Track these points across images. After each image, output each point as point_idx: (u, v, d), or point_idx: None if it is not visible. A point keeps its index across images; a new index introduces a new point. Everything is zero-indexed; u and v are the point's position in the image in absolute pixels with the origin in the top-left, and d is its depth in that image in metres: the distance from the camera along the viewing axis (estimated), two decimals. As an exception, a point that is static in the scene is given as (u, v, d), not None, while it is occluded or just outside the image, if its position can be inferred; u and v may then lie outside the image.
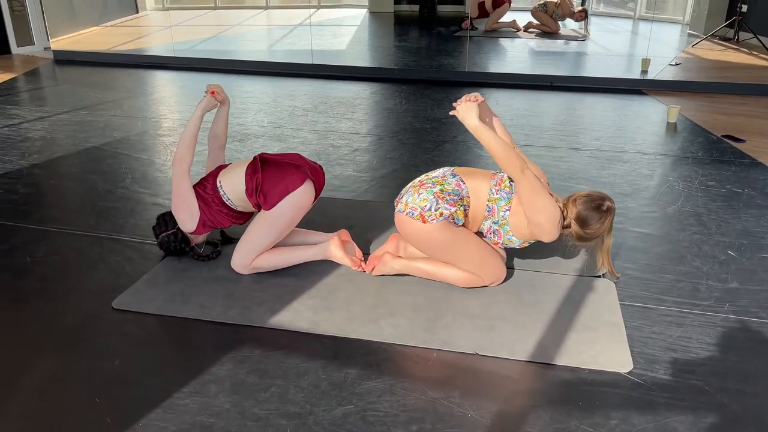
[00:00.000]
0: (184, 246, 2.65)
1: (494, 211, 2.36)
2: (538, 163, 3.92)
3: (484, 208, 2.37)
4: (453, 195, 2.34)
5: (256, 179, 2.47)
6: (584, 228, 2.27)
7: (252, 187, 2.48)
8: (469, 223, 2.42)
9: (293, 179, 2.46)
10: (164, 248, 2.67)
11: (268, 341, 2.17)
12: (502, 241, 2.40)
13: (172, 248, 2.65)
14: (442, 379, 1.98)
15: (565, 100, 5.60)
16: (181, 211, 2.55)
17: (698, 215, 3.16)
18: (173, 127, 4.76)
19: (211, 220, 2.58)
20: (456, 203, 2.33)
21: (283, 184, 2.46)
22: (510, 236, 2.37)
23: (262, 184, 2.46)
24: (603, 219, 2.25)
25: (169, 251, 2.67)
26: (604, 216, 2.25)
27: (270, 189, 2.46)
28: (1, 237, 2.96)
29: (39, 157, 4.07)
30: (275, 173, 2.48)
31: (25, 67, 7.17)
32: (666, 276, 2.59)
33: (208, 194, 2.57)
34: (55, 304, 2.41)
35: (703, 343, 2.16)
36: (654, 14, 9.43)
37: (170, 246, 2.64)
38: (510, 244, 2.41)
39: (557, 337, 2.17)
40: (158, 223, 2.66)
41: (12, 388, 1.95)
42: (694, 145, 4.27)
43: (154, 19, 10.45)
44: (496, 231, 2.38)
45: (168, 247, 2.65)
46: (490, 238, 2.43)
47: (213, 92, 2.65)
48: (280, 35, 9.47)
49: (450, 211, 2.31)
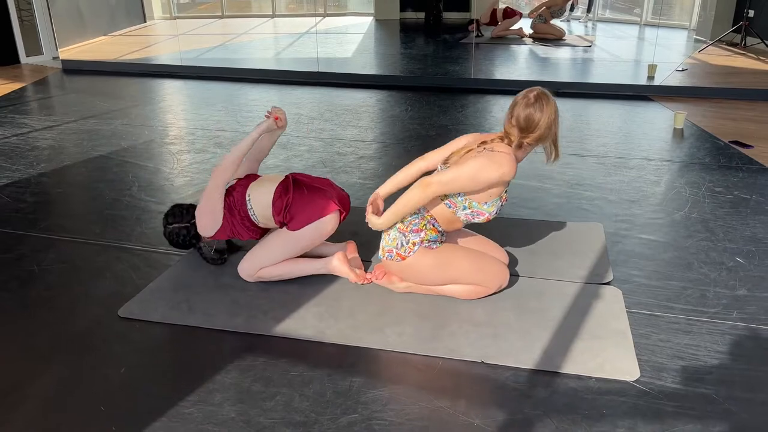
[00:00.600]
0: (195, 242, 2.64)
1: (454, 204, 2.33)
2: (544, 169, 3.91)
3: (445, 208, 2.34)
4: (414, 220, 2.34)
5: (286, 200, 2.47)
6: (535, 128, 2.23)
7: (281, 206, 2.48)
8: (451, 227, 2.40)
9: (322, 206, 2.47)
10: (171, 239, 2.64)
11: (273, 349, 2.16)
12: (487, 214, 2.34)
13: (180, 241, 2.63)
14: (448, 387, 1.97)
15: (572, 106, 5.59)
16: (205, 217, 2.55)
17: (706, 222, 3.14)
18: (180, 136, 4.78)
19: (231, 230, 2.58)
20: (420, 226, 2.33)
21: (311, 210, 2.46)
22: (485, 204, 2.31)
23: (291, 205, 2.47)
24: (542, 106, 2.22)
25: (175, 243, 2.65)
26: (539, 103, 2.22)
27: (298, 212, 2.46)
28: (9, 245, 2.98)
29: (47, 166, 4.10)
30: (305, 196, 2.48)
31: (33, 76, 7.23)
32: (673, 283, 2.57)
33: (235, 205, 2.56)
34: (62, 312, 2.42)
35: (711, 350, 2.14)
36: (660, 20, 9.41)
37: (179, 239, 2.63)
38: (494, 209, 2.34)
39: (563, 345, 2.16)
40: (173, 212, 2.64)
41: (19, 395, 1.95)
42: (701, 151, 4.25)
43: (162, 28, 10.53)
44: (473, 212, 2.33)
45: (176, 240, 2.63)
46: (477, 221, 2.38)
47: (277, 118, 2.61)
48: (286, 43, 9.52)
49: (419, 237, 2.32)
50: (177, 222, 2.62)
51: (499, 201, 2.34)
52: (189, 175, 3.89)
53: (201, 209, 2.56)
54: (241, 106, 5.69)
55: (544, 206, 3.36)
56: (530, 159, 4.09)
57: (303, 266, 2.54)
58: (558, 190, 3.57)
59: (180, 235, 2.62)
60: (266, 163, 4.08)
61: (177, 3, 11.87)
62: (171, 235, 2.64)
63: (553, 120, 2.27)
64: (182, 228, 2.62)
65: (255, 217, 2.55)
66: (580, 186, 3.64)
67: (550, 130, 2.28)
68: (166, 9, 11.19)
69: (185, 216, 2.63)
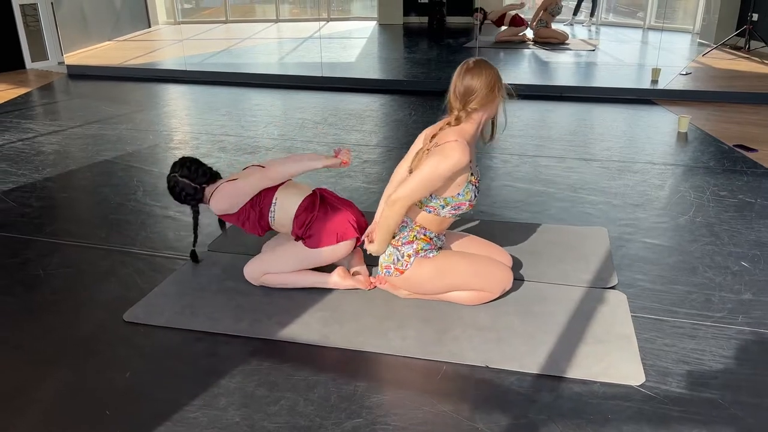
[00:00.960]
0: (193, 204, 2.62)
1: (433, 207, 2.31)
2: (548, 173, 3.91)
3: (427, 214, 2.33)
4: (404, 233, 2.34)
5: (311, 216, 2.46)
6: (473, 93, 2.21)
7: (303, 221, 2.46)
8: (443, 228, 2.39)
9: (343, 231, 2.46)
10: (174, 189, 2.61)
11: (277, 354, 2.17)
12: (466, 202, 2.31)
13: (182, 197, 2.60)
14: (452, 392, 1.97)
15: (575, 110, 5.59)
16: (226, 200, 2.50)
17: (710, 226, 3.13)
18: (184, 140, 4.80)
19: (240, 220, 2.55)
20: (411, 238, 2.33)
21: (331, 232, 2.45)
22: (459, 195, 2.29)
23: (314, 223, 2.46)
24: (479, 71, 2.21)
25: (174, 194, 2.62)
26: (477, 68, 2.21)
27: (318, 231, 2.45)
28: (15, 250, 2.99)
29: (52, 171, 4.12)
30: (328, 215, 2.47)
31: (39, 81, 7.27)
32: (678, 287, 2.57)
33: (259, 203, 2.52)
34: (67, 316, 2.43)
35: (717, 355, 2.13)
36: (664, 24, 9.41)
37: (181, 193, 2.59)
38: (471, 195, 2.32)
39: (568, 349, 2.15)
40: (189, 166, 2.59)
41: (24, 399, 1.96)
42: (705, 155, 4.24)
43: (166, 33, 10.58)
44: (453, 207, 2.31)
45: (178, 193, 2.60)
46: (463, 211, 2.36)
47: (345, 162, 2.55)
48: (290, 48, 9.55)
49: (413, 248, 2.33)
50: (188, 178, 2.57)
51: (470, 185, 2.31)
52: (193, 180, 3.90)
53: (225, 192, 2.51)
54: (245, 111, 5.70)
55: (548, 210, 3.36)
56: (534, 163, 4.09)
57: (306, 278, 2.52)
58: (562, 195, 3.57)
59: (184, 191, 2.58)
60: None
61: (181, 8, 11.93)
62: (177, 186, 2.58)
63: (494, 86, 2.23)
64: (191, 187, 2.57)
65: (273, 219, 2.53)
66: (584, 190, 3.64)
67: (492, 93, 2.23)
68: (170, 14, 11.24)
69: (200, 177, 2.58)
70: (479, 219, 3.24)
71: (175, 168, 2.62)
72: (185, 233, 3.13)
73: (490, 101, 2.24)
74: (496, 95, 2.25)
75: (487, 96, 2.22)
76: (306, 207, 2.49)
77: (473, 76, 2.21)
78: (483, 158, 4.23)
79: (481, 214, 3.31)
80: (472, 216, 3.27)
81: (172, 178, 2.61)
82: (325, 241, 2.45)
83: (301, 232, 2.48)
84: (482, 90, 2.21)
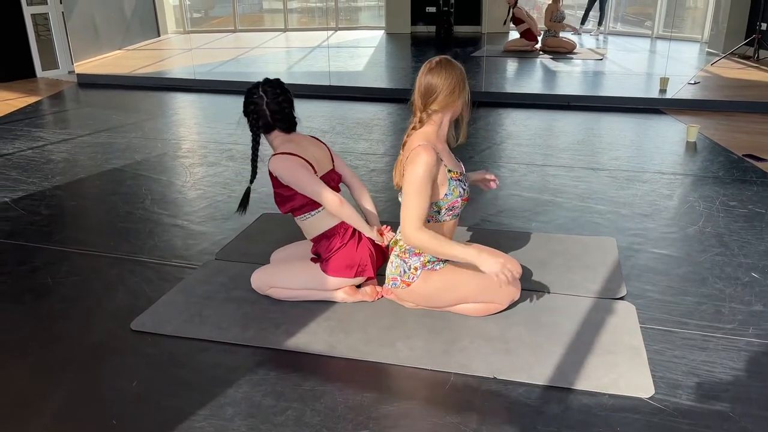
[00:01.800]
0: (256, 132, 2.49)
1: (431, 216, 2.31)
2: (556, 183, 3.90)
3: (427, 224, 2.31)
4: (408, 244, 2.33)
5: (340, 245, 2.43)
6: (435, 92, 2.19)
7: (331, 246, 2.44)
8: (449, 234, 2.38)
9: (362, 269, 2.45)
10: (249, 105, 2.47)
11: (284, 363, 2.16)
12: (458, 199, 2.28)
13: (252, 117, 2.47)
14: (460, 403, 1.96)
15: (583, 119, 5.58)
16: (285, 173, 2.39)
17: (720, 236, 3.11)
18: (193, 149, 4.82)
19: (282, 194, 2.45)
20: (419, 250, 2.32)
21: (352, 267, 2.43)
22: (448, 195, 2.27)
23: (340, 250, 2.44)
24: (440, 70, 2.19)
25: (248, 110, 2.48)
26: (439, 67, 2.19)
27: (339, 260, 2.42)
28: (24, 258, 3.01)
29: (62, 179, 4.14)
30: (354, 248, 2.44)
31: (49, 90, 7.33)
32: (687, 298, 2.55)
33: (310, 202, 2.45)
34: (75, 324, 2.43)
35: (727, 367, 2.11)
36: (672, 33, 9.40)
37: (253, 114, 2.46)
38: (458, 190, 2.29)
39: (576, 360, 2.14)
40: (278, 102, 2.45)
41: (33, 409, 1.96)
42: (714, 165, 4.22)
43: (175, 42, 10.65)
44: (447, 208, 2.29)
45: (251, 111, 2.46)
46: (460, 209, 2.33)
47: (382, 234, 2.50)
48: (298, 57, 9.59)
49: (419, 260, 2.32)
50: (270, 112, 2.44)
51: (453, 182, 2.28)
52: (202, 188, 3.92)
53: (290, 167, 2.38)
54: (253, 120, 5.72)
55: (556, 220, 3.34)
56: (542, 173, 4.08)
57: (312, 294, 2.51)
58: (570, 204, 3.56)
59: (257, 115, 2.45)
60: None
61: (190, 17, 12.03)
62: (255, 106, 2.45)
63: (455, 86, 2.21)
64: (266, 119, 2.45)
65: (305, 219, 2.47)
66: (592, 200, 3.62)
67: (453, 94, 2.21)
68: (179, 23, 11.33)
69: (280, 120, 2.46)
70: (486, 228, 3.23)
71: (268, 92, 2.46)
72: (193, 241, 3.14)
73: (452, 102, 2.24)
74: (458, 96, 2.24)
75: (448, 96, 2.22)
76: (338, 232, 2.46)
77: (435, 75, 2.21)
78: (490, 167, 4.23)
79: (488, 224, 3.30)
80: (478, 225, 3.26)
81: (259, 99, 2.45)
82: (343, 273, 2.43)
83: (324, 254, 2.47)
84: (444, 90, 2.20)
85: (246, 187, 2.63)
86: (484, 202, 3.60)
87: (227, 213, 3.51)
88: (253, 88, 2.49)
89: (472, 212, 3.45)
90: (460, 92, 2.24)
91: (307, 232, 2.53)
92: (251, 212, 3.49)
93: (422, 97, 2.24)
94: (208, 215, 3.48)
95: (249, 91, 2.49)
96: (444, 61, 2.24)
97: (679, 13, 9.92)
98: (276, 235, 3.14)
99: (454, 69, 2.23)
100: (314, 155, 2.50)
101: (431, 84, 2.21)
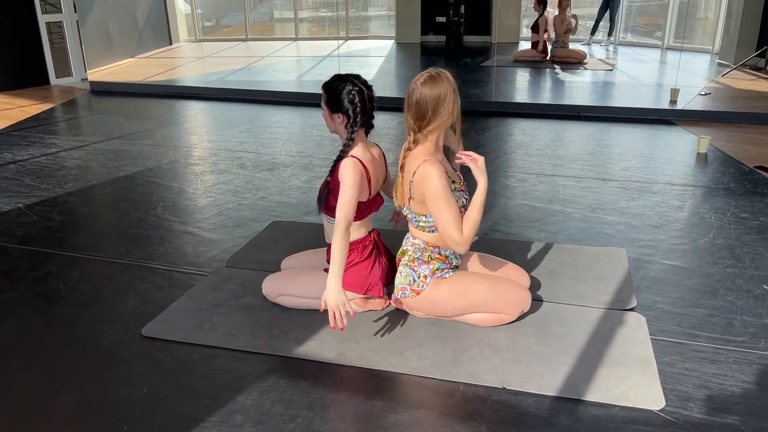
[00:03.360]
0: (356, 126, 2.37)
1: (434, 225, 2.31)
2: (566, 193, 3.89)
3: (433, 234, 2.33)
4: (417, 254, 2.34)
5: (358, 260, 2.43)
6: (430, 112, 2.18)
7: (349, 260, 2.43)
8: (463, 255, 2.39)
9: (371, 287, 2.45)
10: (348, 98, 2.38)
11: (293, 371, 2.17)
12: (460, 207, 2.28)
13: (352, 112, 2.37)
14: (469, 413, 1.95)
15: (593, 130, 5.58)
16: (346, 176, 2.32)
17: (731, 248, 3.10)
18: (204, 157, 4.85)
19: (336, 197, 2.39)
20: (426, 258, 2.33)
21: (363, 284, 2.43)
22: None
23: (355, 266, 2.44)
24: (432, 87, 2.17)
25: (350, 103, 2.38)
26: (428, 84, 2.18)
27: (353, 275, 2.42)
28: (36, 263, 3.03)
29: (74, 185, 4.18)
30: (369, 267, 2.45)
31: (62, 97, 7.41)
32: (699, 310, 2.53)
33: None
34: (86, 330, 2.45)
35: (739, 380, 2.10)
36: (683, 43, 9.38)
37: (354, 107, 2.36)
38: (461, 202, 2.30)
39: (586, 371, 2.13)
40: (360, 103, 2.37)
41: (43, 413, 1.97)
42: (725, 176, 4.20)
43: (187, 51, 10.74)
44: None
45: (352, 103, 2.37)
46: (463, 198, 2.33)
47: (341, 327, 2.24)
48: (309, 66, 9.65)
49: (429, 268, 2.32)
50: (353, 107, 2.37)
51: (456, 192, 2.29)
52: (212, 196, 3.94)
53: (353, 173, 2.32)
54: (263, 128, 5.76)
55: (566, 230, 3.34)
56: (551, 183, 4.08)
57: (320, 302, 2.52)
58: (579, 214, 3.55)
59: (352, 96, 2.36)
60: (292, 183, 4.12)
61: (202, 26, 12.13)
62: (353, 97, 2.37)
63: (447, 100, 2.19)
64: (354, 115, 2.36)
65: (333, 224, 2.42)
66: (602, 210, 3.61)
67: (446, 110, 2.20)
68: (191, 32, 11.43)
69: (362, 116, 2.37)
70: (496, 238, 3.23)
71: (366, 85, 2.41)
72: (203, 248, 3.16)
73: (446, 118, 2.23)
74: (451, 111, 2.23)
75: (442, 114, 2.21)
76: (357, 247, 2.45)
77: (426, 91, 2.20)
78: (499, 177, 4.23)
79: (497, 233, 3.30)
80: (488, 234, 3.26)
81: (358, 92, 2.36)
82: (353, 288, 2.44)
83: None
84: (437, 109, 2.20)
85: (325, 180, 2.50)
86: (494, 212, 3.60)
87: (237, 220, 3.52)
88: (342, 81, 2.40)
89: (482, 222, 3.44)
90: (452, 105, 2.23)
91: (328, 235, 2.53)
92: (261, 220, 3.51)
93: (415, 119, 2.23)
94: (218, 222, 3.50)
95: (342, 82, 2.40)
96: (432, 76, 2.21)
97: (689, 23, 9.91)
98: (285, 243, 3.15)
99: (443, 83, 2.21)
100: (376, 175, 2.47)
101: (423, 103, 2.20)
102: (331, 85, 2.42)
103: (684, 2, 9.49)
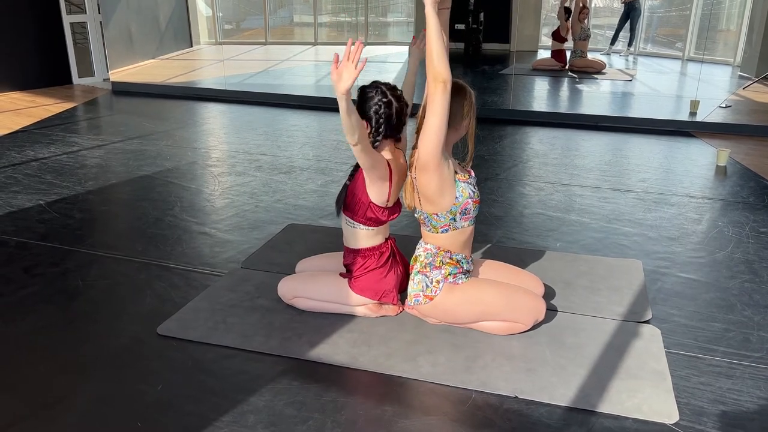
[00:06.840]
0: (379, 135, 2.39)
1: (446, 225, 2.32)
2: (582, 203, 3.88)
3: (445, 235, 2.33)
4: (428, 259, 2.34)
5: (374, 266, 2.45)
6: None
7: (366, 266, 2.45)
8: (467, 244, 2.39)
9: (385, 294, 2.47)
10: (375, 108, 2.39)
11: (306, 373, 2.18)
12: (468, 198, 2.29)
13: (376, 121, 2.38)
14: (480, 421, 1.95)
15: (611, 140, 5.55)
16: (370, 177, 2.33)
17: (749, 263, 3.07)
18: (222, 158, 4.90)
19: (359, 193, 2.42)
20: (438, 263, 2.33)
21: (378, 291, 2.45)
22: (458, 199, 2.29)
23: (371, 272, 2.45)
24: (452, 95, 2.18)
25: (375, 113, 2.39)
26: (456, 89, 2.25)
27: (368, 281, 2.44)
28: (56, 260, 3.08)
29: (94, 184, 4.24)
30: (384, 274, 2.46)
31: (84, 97, 7.51)
32: (715, 324, 2.51)
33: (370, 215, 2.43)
34: (103, 326, 2.49)
35: (754, 396, 2.08)
36: (704, 55, 9.31)
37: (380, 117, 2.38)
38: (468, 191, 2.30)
39: (600, 383, 2.12)
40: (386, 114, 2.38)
41: (60, 408, 2.00)
42: (745, 190, 4.16)
43: (207, 53, 10.85)
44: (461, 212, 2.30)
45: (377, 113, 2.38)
46: (474, 211, 2.33)
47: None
48: (327, 71, 9.70)
49: (441, 273, 2.33)
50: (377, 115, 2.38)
51: (460, 183, 2.29)
52: (229, 197, 3.98)
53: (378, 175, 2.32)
54: (281, 131, 5.80)
55: (582, 240, 3.33)
56: (568, 192, 4.07)
57: (335, 307, 2.53)
58: (596, 225, 3.54)
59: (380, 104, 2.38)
60: (308, 187, 4.14)
61: (222, 29, 12.25)
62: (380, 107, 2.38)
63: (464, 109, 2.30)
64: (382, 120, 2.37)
65: (353, 228, 2.47)
66: (618, 221, 3.60)
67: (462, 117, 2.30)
68: (212, 34, 11.54)
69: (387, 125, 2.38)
70: (511, 246, 3.23)
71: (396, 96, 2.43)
72: (219, 249, 3.19)
73: (458, 124, 2.31)
74: (462, 119, 2.31)
75: (458, 120, 2.29)
76: (374, 254, 2.47)
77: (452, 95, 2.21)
78: (515, 185, 4.23)
79: (512, 242, 3.30)
80: (502, 242, 3.26)
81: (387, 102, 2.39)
82: (367, 294, 2.45)
83: (355, 271, 2.48)
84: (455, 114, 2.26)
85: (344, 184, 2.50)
86: (509, 220, 3.59)
87: (254, 222, 3.55)
88: (374, 89, 2.43)
89: (496, 230, 3.44)
90: (468, 114, 2.32)
91: (347, 239, 2.54)
92: (277, 222, 3.54)
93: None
94: (235, 224, 3.53)
95: (373, 90, 2.42)
96: (455, 86, 2.26)
97: (711, 35, 9.83)
98: (301, 246, 3.17)
99: (465, 94, 2.30)
100: (398, 182, 2.47)
101: None
102: (363, 90, 2.46)
103: (706, 13, 9.42)
